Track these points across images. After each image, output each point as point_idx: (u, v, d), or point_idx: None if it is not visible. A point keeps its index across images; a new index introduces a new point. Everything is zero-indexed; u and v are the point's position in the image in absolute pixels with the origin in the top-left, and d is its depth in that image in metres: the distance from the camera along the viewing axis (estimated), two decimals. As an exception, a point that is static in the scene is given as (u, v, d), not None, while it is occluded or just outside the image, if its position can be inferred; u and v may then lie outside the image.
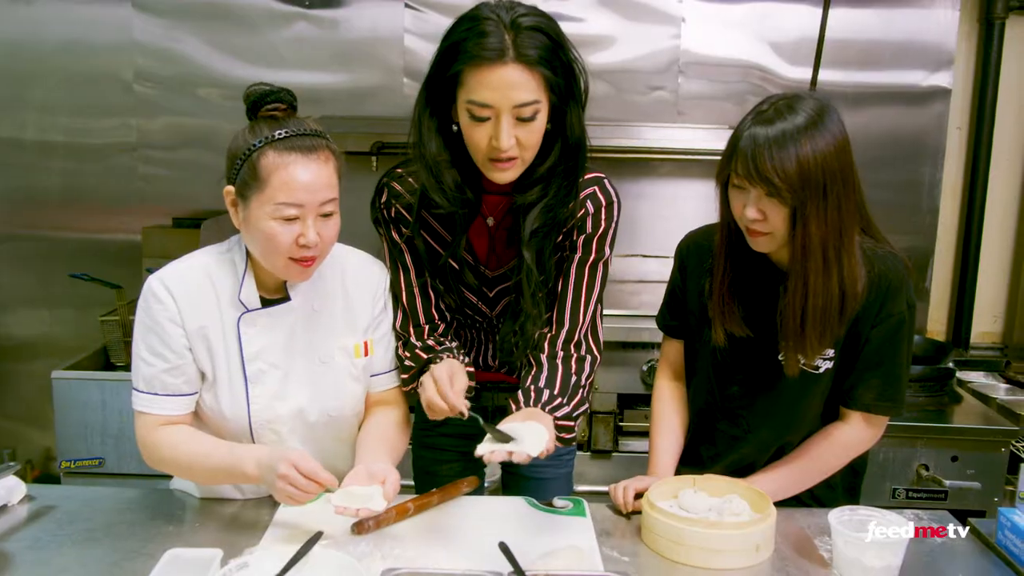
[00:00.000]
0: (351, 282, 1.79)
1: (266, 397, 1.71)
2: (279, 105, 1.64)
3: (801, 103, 1.61)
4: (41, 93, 3.52)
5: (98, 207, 3.60)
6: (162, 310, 1.65)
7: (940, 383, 2.96)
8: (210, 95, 3.47)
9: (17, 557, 1.55)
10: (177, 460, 1.69)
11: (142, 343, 1.68)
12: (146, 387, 1.68)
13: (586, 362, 1.82)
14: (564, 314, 1.81)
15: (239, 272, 1.69)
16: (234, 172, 1.60)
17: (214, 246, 1.75)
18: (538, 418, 1.65)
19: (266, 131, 1.59)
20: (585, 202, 1.76)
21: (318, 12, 3.43)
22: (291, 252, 1.59)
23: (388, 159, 3.35)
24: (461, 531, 1.67)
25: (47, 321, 3.69)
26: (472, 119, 1.57)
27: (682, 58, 3.42)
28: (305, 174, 1.56)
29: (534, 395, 1.74)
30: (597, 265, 1.81)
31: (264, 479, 1.57)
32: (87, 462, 2.97)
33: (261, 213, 1.57)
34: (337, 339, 1.77)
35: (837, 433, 1.81)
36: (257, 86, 1.65)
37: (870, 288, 1.69)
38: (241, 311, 1.68)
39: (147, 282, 1.68)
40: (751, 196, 1.62)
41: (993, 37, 3.40)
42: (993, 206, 3.54)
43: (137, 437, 1.72)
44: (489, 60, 1.52)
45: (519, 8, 1.58)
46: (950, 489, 2.75)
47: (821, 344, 1.69)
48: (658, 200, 3.48)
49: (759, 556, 1.57)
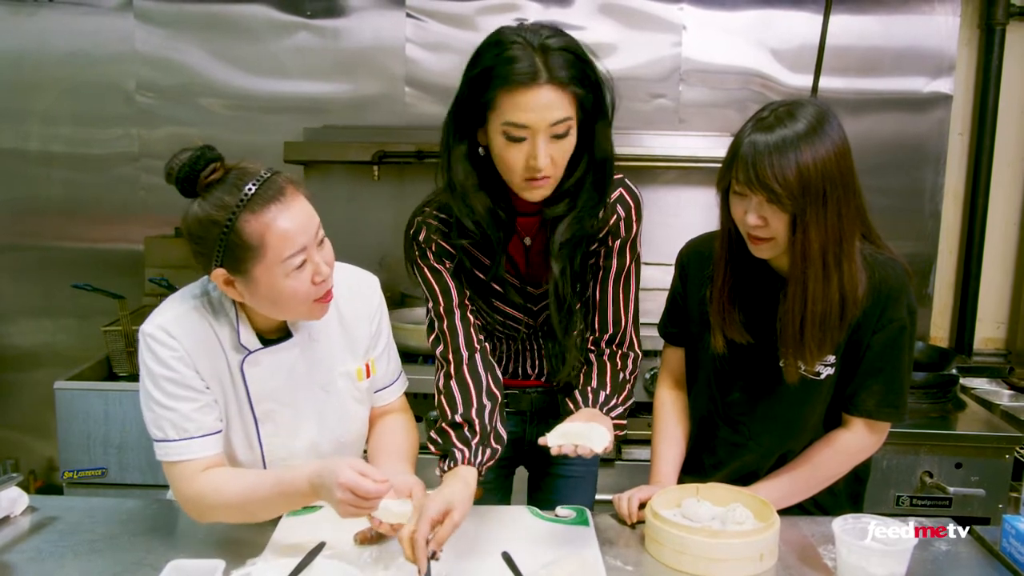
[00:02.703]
0: (344, 303, 1.74)
1: (276, 436, 1.70)
2: (215, 165, 1.53)
3: (801, 110, 1.61)
4: (43, 104, 3.54)
5: (100, 217, 3.62)
6: (172, 355, 1.58)
7: (943, 390, 2.95)
8: (212, 105, 3.48)
9: (19, 569, 1.55)
10: (228, 503, 1.58)
11: (158, 392, 1.59)
12: (177, 433, 1.59)
13: (629, 359, 1.88)
14: (607, 319, 1.85)
15: (231, 316, 1.64)
16: (218, 254, 1.50)
17: (191, 288, 1.67)
18: (599, 420, 1.71)
19: (227, 200, 1.48)
20: (615, 206, 1.79)
21: (319, 22, 3.44)
22: (312, 295, 1.55)
23: (390, 168, 3.35)
24: (464, 541, 1.67)
25: (49, 331, 3.71)
26: (509, 140, 1.60)
27: (683, 66, 3.43)
28: (293, 220, 1.50)
29: (592, 396, 1.80)
30: (631, 269, 1.85)
31: (322, 499, 1.51)
32: (90, 472, 2.96)
33: (272, 276, 1.51)
34: (338, 365, 1.75)
35: (840, 439, 1.80)
36: (175, 158, 1.53)
37: (871, 294, 1.68)
38: (244, 354, 1.64)
39: (144, 331, 1.60)
40: (752, 203, 1.61)
41: (994, 43, 3.40)
42: (995, 211, 3.54)
43: (176, 491, 1.62)
44: (524, 83, 1.55)
45: (543, 31, 1.61)
46: (954, 496, 2.74)
47: (821, 350, 1.69)
48: (660, 208, 3.47)
49: (763, 565, 1.57)
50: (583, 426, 1.64)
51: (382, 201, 3.29)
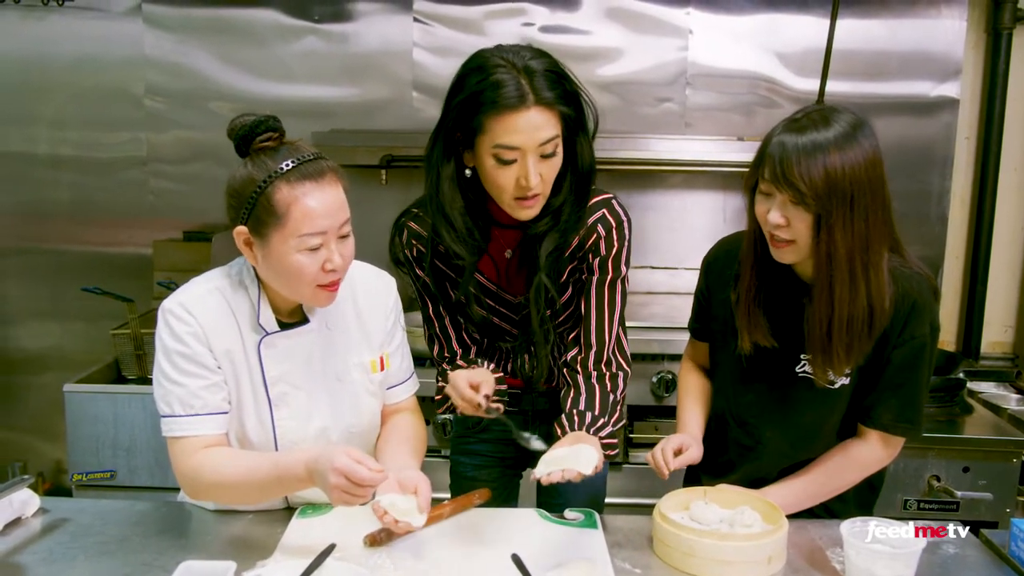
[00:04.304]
0: (362, 298, 1.80)
1: (291, 419, 1.72)
2: (272, 134, 1.60)
3: (836, 116, 1.61)
4: (52, 108, 3.56)
5: (109, 221, 3.63)
6: (187, 330, 1.63)
7: (951, 394, 2.95)
8: (220, 109, 3.49)
9: (31, 570, 1.56)
10: (223, 482, 1.62)
11: (170, 367, 1.64)
12: (184, 409, 1.63)
13: (619, 378, 1.89)
14: (590, 335, 1.86)
15: (253, 297, 1.69)
16: (245, 212, 1.57)
17: (219, 270, 1.74)
18: (586, 440, 1.72)
19: (269, 164, 1.56)
20: (596, 226, 1.80)
21: (327, 26, 3.45)
22: (318, 280, 1.59)
23: (398, 172, 3.37)
24: (474, 543, 1.68)
25: (58, 334, 3.72)
26: (499, 162, 1.64)
27: (689, 70, 3.43)
28: (322, 201, 1.56)
29: (577, 419, 1.81)
30: (615, 284, 1.86)
31: (317, 484, 1.54)
32: (99, 475, 2.97)
33: (285, 248, 1.56)
34: (353, 356, 1.78)
35: (854, 450, 1.80)
36: (240, 119, 1.61)
37: (894, 307, 1.68)
38: (261, 335, 1.68)
39: (164, 307, 1.65)
40: (776, 201, 1.62)
41: (1000, 47, 3.40)
42: (1002, 215, 3.53)
43: (175, 467, 1.66)
44: (513, 106, 1.59)
45: (524, 52, 1.65)
46: (962, 500, 2.73)
47: (849, 358, 1.68)
48: (666, 212, 3.48)
49: (771, 568, 1.57)
50: (568, 450, 1.66)
51: (390, 205, 3.25)
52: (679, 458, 1.78)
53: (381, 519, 1.56)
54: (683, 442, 1.81)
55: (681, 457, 1.78)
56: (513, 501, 2.17)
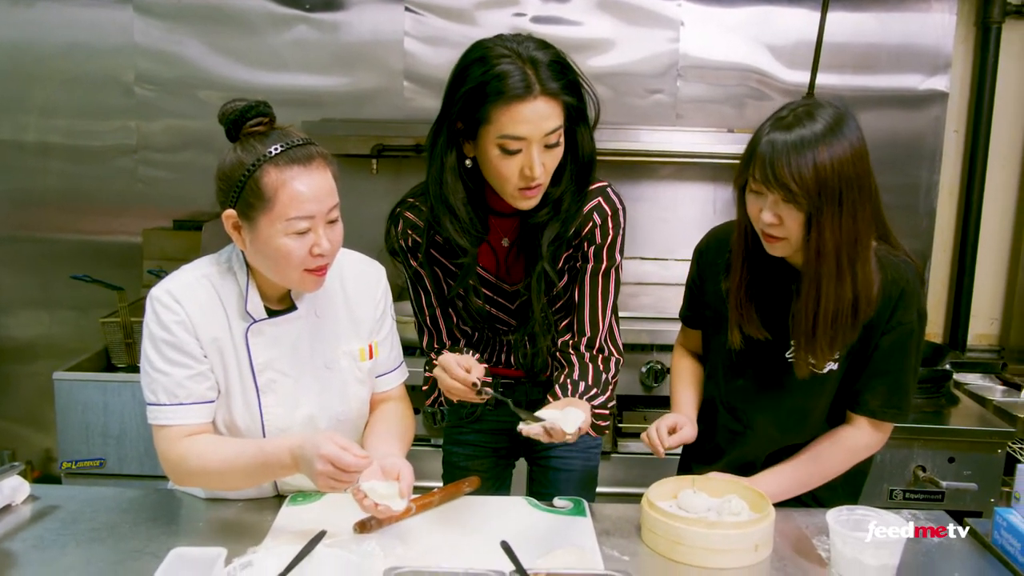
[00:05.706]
0: (351, 286, 1.81)
1: (278, 406, 1.72)
2: (262, 119, 1.61)
3: (820, 110, 1.62)
4: (42, 95, 3.54)
5: (98, 209, 3.62)
6: (174, 319, 1.64)
7: (937, 385, 2.97)
8: (210, 98, 3.48)
9: (22, 556, 1.56)
10: (207, 469, 1.64)
11: (156, 355, 1.65)
12: (168, 398, 1.64)
13: (611, 361, 1.89)
14: (584, 323, 1.87)
15: (242, 284, 1.69)
16: (233, 195, 1.58)
17: (209, 257, 1.74)
18: (575, 404, 1.72)
19: (259, 148, 1.57)
20: (592, 214, 1.81)
21: (318, 15, 3.44)
22: (306, 264, 1.60)
23: (388, 162, 3.37)
24: (463, 530, 1.69)
25: (47, 322, 3.71)
26: (504, 152, 1.64)
27: (681, 61, 3.44)
28: (310, 185, 1.57)
29: (571, 387, 1.81)
30: (610, 272, 1.86)
31: (302, 470, 1.56)
32: (88, 463, 2.97)
33: (272, 231, 1.57)
34: (342, 344, 1.78)
35: (843, 435, 1.82)
36: (231, 103, 1.62)
37: (882, 294, 1.69)
38: (249, 322, 1.69)
39: (152, 294, 1.66)
40: (768, 201, 1.63)
41: (990, 41, 3.42)
42: (990, 209, 3.56)
43: (160, 454, 1.68)
44: (519, 97, 1.59)
45: (527, 43, 1.64)
46: (947, 490, 2.76)
47: (832, 348, 1.70)
48: (657, 203, 3.49)
49: (758, 555, 1.59)
50: (557, 412, 1.66)
51: (380, 194, 3.27)
52: (674, 436, 1.80)
53: (360, 502, 1.57)
54: (677, 421, 1.83)
55: (676, 435, 1.80)
56: (505, 491, 2.18)
